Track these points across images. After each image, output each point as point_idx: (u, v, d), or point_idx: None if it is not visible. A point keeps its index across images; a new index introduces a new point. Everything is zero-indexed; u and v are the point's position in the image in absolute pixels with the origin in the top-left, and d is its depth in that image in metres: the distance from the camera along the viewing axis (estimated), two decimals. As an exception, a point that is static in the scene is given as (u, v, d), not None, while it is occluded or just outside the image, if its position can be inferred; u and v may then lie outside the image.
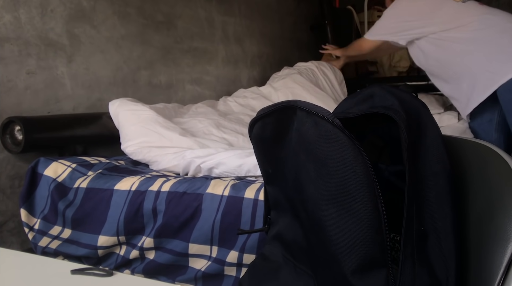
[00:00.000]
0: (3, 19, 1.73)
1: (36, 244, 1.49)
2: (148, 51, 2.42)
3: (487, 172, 0.50)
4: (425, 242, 0.48)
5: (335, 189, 0.48)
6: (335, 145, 0.48)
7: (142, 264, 1.39)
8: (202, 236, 1.31)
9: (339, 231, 0.48)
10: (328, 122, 0.48)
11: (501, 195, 0.47)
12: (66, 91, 1.97)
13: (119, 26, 2.24)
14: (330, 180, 0.49)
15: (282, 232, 0.57)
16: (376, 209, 0.47)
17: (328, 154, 0.49)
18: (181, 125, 1.89)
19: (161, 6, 2.52)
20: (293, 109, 0.52)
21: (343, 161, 0.48)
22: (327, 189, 0.49)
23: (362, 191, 0.47)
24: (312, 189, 0.50)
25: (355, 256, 0.47)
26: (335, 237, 0.48)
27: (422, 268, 0.47)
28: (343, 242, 0.48)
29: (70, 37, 2.00)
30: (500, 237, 0.44)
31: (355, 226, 0.47)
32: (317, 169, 0.50)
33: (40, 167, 1.57)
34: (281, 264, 0.56)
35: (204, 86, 2.85)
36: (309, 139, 0.50)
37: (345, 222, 0.48)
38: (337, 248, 0.48)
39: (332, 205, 0.48)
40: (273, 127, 0.55)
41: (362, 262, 0.47)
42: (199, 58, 2.80)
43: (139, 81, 2.36)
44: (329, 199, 0.49)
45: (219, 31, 3.01)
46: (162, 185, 1.41)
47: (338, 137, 0.48)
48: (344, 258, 0.48)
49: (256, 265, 0.62)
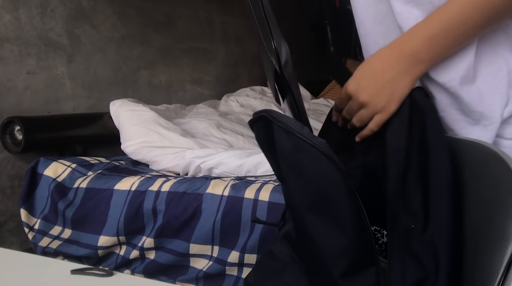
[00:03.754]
0: (3, 19, 1.73)
1: (36, 244, 1.49)
2: (148, 51, 2.42)
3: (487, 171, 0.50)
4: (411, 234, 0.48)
5: (314, 197, 0.49)
6: (308, 155, 0.48)
7: (143, 264, 1.39)
8: (203, 236, 1.31)
9: (325, 239, 0.49)
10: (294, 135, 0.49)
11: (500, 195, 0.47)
12: (66, 91, 1.97)
13: (119, 26, 2.24)
14: (308, 189, 0.49)
15: (291, 232, 0.58)
16: (357, 212, 0.47)
17: (302, 164, 0.49)
18: (181, 126, 1.89)
19: (161, 6, 2.52)
20: (269, 120, 0.53)
21: (318, 170, 0.48)
22: (307, 199, 0.49)
23: (341, 197, 0.47)
24: (294, 198, 0.51)
25: (343, 261, 0.48)
26: (321, 245, 0.49)
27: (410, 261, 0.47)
28: (330, 250, 0.48)
29: (70, 37, 2.00)
30: (500, 237, 0.44)
31: (339, 233, 0.48)
32: (295, 179, 0.50)
33: (40, 167, 1.57)
34: (287, 263, 0.57)
35: (204, 86, 2.85)
36: (284, 150, 0.51)
37: (329, 229, 0.48)
38: (325, 255, 0.49)
39: (314, 213, 0.49)
40: (263, 133, 0.56)
41: (351, 265, 0.48)
42: (199, 58, 2.80)
43: (139, 81, 2.37)
44: (310, 207, 0.49)
45: (219, 31, 3.01)
46: (162, 185, 1.41)
47: (308, 148, 0.48)
48: (332, 264, 0.48)
49: (262, 262, 0.63)
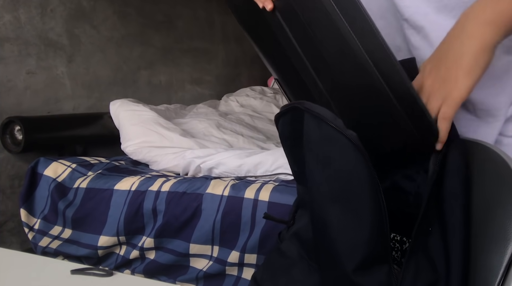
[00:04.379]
0: (3, 19, 1.73)
1: (36, 244, 1.49)
2: (148, 51, 2.42)
3: (487, 171, 0.50)
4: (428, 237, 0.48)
5: (338, 189, 0.49)
6: (337, 146, 0.48)
7: (143, 264, 1.39)
8: (203, 236, 1.31)
9: (342, 231, 0.49)
10: (328, 124, 0.49)
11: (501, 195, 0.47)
12: (66, 91, 1.97)
13: (119, 26, 2.24)
14: (333, 181, 0.49)
15: (301, 230, 0.58)
16: (378, 209, 0.47)
17: (330, 155, 0.49)
18: (181, 126, 1.89)
19: (161, 6, 2.52)
20: (301, 111, 0.52)
21: (345, 162, 0.48)
22: (331, 190, 0.49)
23: (364, 191, 0.47)
24: (317, 189, 0.50)
25: (357, 255, 0.48)
26: (338, 237, 0.49)
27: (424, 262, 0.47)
28: (346, 242, 0.48)
29: (70, 37, 2.00)
30: (500, 237, 0.44)
31: (358, 226, 0.48)
32: (321, 170, 0.50)
33: (40, 167, 1.57)
34: (295, 261, 0.57)
35: (204, 86, 2.85)
36: (312, 140, 0.50)
37: (348, 222, 0.48)
38: (340, 248, 0.49)
39: (336, 205, 0.49)
40: (290, 127, 0.55)
41: (365, 260, 0.48)
42: (199, 58, 2.80)
43: (139, 81, 2.37)
44: (333, 199, 0.49)
45: (219, 31, 3.01)
46: (162, 185, 1.41)
47: (339, 138, 0.48)
48: (346, 257, 0.48)
49: (271, 259, 0.63)
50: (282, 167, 1.42)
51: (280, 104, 2.71)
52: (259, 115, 2.43)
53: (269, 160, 1.44)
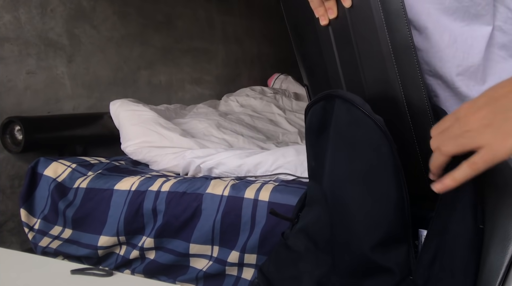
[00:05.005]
0: (3, 19, 1.73)
1: (36, 244, 1.49)
2: (148, 51, 2.42)
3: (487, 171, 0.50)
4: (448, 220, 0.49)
5: (361, 169, 0.51)
6: (363, 128, 0.51)
7: (143, 264, 1.39)
8: (203, 236, 1.31)
9: (363, 209, 0.51)
10: (357, 108, 0.52)
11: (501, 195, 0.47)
12: (66, 91, 1.97)
13: (119, 26, 2.24)
14: (357, 161, 0.52)
15: (309, 225, 0.60)
16: (399, 187, 0.49)
17: (357, 137, 0.52)
18: (181, 126, 1.89)
19: (161, 6, 2.52)
20: (333, 97, 0.55)
21: (370, 142, 0.51)
22: (354, 170, 0.52)
23: (386, 170, 0.49)
24: (341, 171, 0.53)
25: (378, 233, 0.49)
26: (358, 215, 0.51)
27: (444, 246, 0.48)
28: (366, 220, 0.50)
29: (70, 37, 2.00)
30: (501, 237, 0.44)
31: (379, 204, 0.50)
32: (346, 152, 0.53)
33: (40, 167, 1.57)
34: (302, 254, 0.59)
35: (204, 86, 2.85)
36: (342, 124, 0.53)
37: (369, 200, 0.50)
38: (360, 226, 0.50)
39: (359, 184, 0.51)
40: (320, 116, 0.57)
41: (384, 238, 0.49)
42: (199, 58, 2.80)
43: (139, 81, 2.37)
44: (356, 178, 0.52)
45: (219, 31, 3.01)
46: (162, 185, 1.41)
47: (366, 121, 0.51)
48: (365, 235, 0.50)
49: (278, 252, 0.64)
50: (282, 167, 1.42)
51: (280, 104, 2.71)
52: (259, 115, 2.43)
53: (269, 160, 1.44)
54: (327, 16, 0.57)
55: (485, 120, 0.41)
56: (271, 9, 3.50)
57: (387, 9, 0.52)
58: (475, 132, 0.41)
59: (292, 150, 1.47)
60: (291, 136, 2.15)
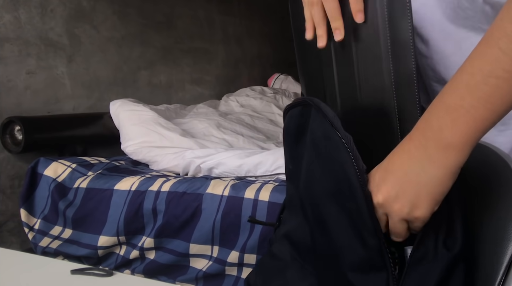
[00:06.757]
0: (3, 19, 1.73)
1: (36, 244, 1.49)
2: (148, 51, 2.42)
3: (487, 171, 0.50)
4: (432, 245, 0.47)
5: (334, 187, 0.49)
6: (333, 144, 0.49)
7: (143, 264, 1.39)
8: (203, 236, 1.31)
9: (338, 229, 0.48)
10: (327, 121, 0.49)
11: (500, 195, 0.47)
12: (66, 91, 1.98)
13: (119, 26, 2.25)
14: (330, 178, 0.49)
15: (292, 231, 0.57)
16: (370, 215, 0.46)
17: (328, 152, 0.49)
18: (181, 126, 1.89)
19: (161, 6, 2.52)
20: (310, 105, 0.53)
21: (338, 161, 0.48)
22: (328, 187, 0.49)
23: (355, 194, 0.47)
24: (317, 185, 0.51)
25: (353, 255, 0.47)
26: (335, 234, 0.48)
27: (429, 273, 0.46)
28: (342, 241, 0.48)
29: (70, 37, 2.00)
30: (500, 237, 0.44)
31: (351, 226, 0.47)
32: (321, 166, 0.50)
33: (40, 167, 1.57)
34: (288, 263, 0.57)
35: (204, 86, 2.85)
36: (316, 135, 0.51)
37: (343, 220, 0.48)
38: (337, 246, 0.48)
39: (333, 203, 0.49)
40: (297, 121, 0.56)
41: (360, 262, 0.47)
42: (199, 58, 2.80)
43: (139, 81, 2.37)
44: (330, 196, 0.49)
45: (219, 31, 3.01)
46: (162, 185, 1.41)
47: (334, 137, 0.48)
48: (343, 257, 0.48)
49: (263, 262, 0.62)
50: (282, 167, 1.42)
51: (280, 104, 2.71)
52: (259, 115, 2.43)
53: (269, 160, 1.44)
54: (326, 37, 0.53)
55: (405, 206, 0.45)
56: (271, 9, 3.50)
57: (394, 38, 0.49)
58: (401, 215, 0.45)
59: (292, 150, 1.46)
60: (291, 137, 2.15)
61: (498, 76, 0.39)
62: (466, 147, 0.41)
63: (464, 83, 0.41)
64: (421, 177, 0.43)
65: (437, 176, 0.42)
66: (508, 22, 0.38)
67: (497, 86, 0.39)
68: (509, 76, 0.38)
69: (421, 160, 0.43)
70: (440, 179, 0.42)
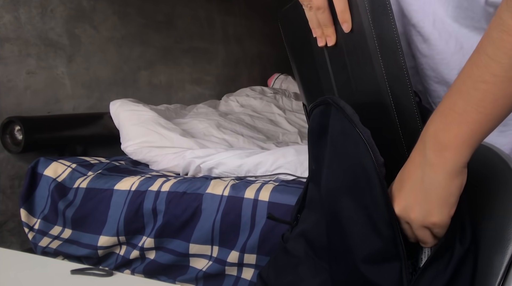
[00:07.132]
0: (3, 19, 1.73)
1: (36, 244, 1.49)
2: (148, 51, 2.42)
3: (487, 172, 0.50)
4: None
5: (351, 182, 0.50)
6: (350, 140, 0.50)
7: (143, 264, 1.39)
8: (203, 236, 1.31)
9: (353, 223, 0.49)
10: (346, 118, 0.50)
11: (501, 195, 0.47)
12: (66, 91, 1.98)
13: (119, 26, 2.25)
14: (347, 173, 0.50)
15: (309, 229, 0.58)
16: (386, 205, 0.47)
17: (345, 148, 0.51)
18: (181, 126, 1.89)
19: (161, 6, 2.52)
20: (330, 104, 0.54)
21: (356, 156, 0.49)
22: (344, 182, 0.50)
23: (373, 186, 0.48)
24: (334, 181, 0.52)
25: (366, 248, 0.48)
26: (349, 228, 0.49)
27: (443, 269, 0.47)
28: (356, 234, 0.49)
29: (70, 37, 2.00)
30: (500, 237, 0.44)
31: (367, 219, 0.48)
32: (338, 163, 0.52)
33: (40, 167, 1.57)
34: (302, 259, 0.58)
35: (204, 86, 2.85)
36: (335, 133, 0.52)
37: (358, 214, 0.49)
38: (351, 240, 0.49)
39: (349, 197, 0.50)
40: (319, 121, 0.56)
41: (374, 254, 0.48)
42: (199, 58, 2.80)
43: (139, 81, 2.37)
44: (346, 191, 0.50)
45: (219, 31, 3.01)
46: (162, 185, 1.41)
47: (353, 133, 0.49)
48: (356, 250, 0.49)
49: (277, 258, 0.63)
50: (282, 167, 1.42)
51: (280, 104, 2.71)
52: (259, 115, 2.43)
53: (269, 160, 1.44)
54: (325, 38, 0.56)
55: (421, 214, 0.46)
56: (272, 9, 3.50)
57: (381, 37, 0.51)
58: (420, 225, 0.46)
59: (292, 150, 1.47)
60: (291, 137, 2.15)
61: (487, 81, 0.40)
62: (462, 147, 0.42)
63: (455, 89, 0.42)
64: (425, 182, 0.44)
65: (438, 179, 0.43)
66: (494, 29, 0.40)
67: (486, 91, 0.40)
68: (498, 81, 0.39)
69: (423, 165, 0.44)
70: (442, 182, 0.43)
